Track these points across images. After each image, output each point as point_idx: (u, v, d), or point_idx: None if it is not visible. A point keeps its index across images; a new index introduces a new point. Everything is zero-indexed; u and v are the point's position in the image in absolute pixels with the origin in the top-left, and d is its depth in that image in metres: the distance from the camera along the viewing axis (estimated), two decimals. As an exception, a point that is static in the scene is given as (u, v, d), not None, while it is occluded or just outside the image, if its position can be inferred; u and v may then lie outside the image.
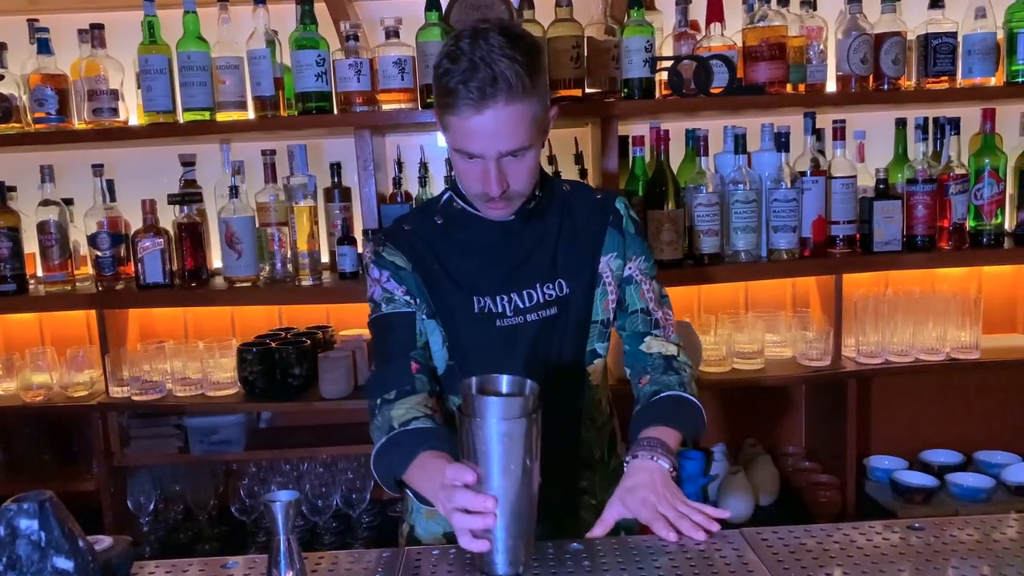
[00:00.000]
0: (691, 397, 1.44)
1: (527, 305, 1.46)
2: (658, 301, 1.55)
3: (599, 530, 1.31)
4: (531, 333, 1.46)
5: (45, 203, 2.48)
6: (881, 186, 2.48)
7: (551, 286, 1.47)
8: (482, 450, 1.10)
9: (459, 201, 1.50)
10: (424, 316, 1.48)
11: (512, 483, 1.11)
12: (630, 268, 1.53)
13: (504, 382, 1.17)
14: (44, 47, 2.41)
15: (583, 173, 2.64)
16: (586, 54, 2.33)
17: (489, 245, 1.48)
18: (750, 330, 2.57)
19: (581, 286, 1.49)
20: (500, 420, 1.08)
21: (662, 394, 1.44)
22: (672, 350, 1.52)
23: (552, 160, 2.65)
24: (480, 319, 1.46)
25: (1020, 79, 2.43)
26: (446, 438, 1.28)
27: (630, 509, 1.30)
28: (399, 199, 2.58)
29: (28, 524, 1.02)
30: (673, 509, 1.28)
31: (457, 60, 1.28)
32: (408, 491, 1.32)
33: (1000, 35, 2.44)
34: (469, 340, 1.47)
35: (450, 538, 1.51)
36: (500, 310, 1.46)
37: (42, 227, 2.48)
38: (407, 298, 1.47)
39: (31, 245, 2.55)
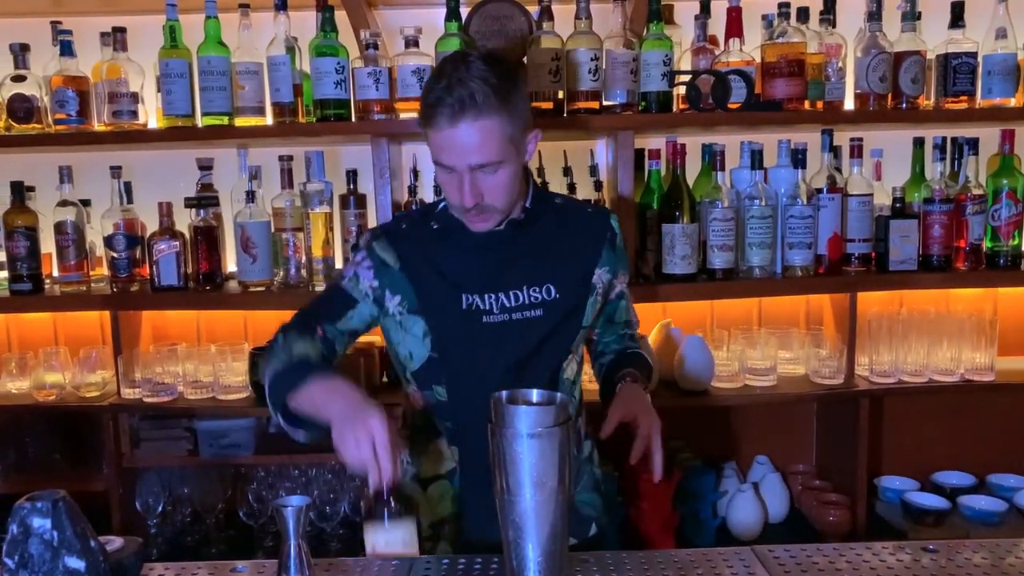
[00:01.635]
0: (648, 357, 1.72)
1: (512, 304, 1.55)
2: (634, 311, 1.81)
3: (608, 428, 1.49)
4: (515, 330, 1.55)
5: (63, 203, 2.49)
6: (898, 205, 2.47)
7: (537, 289, 1.56)
8: (513, 462, 1.09)
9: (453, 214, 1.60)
10: (404, 311, 1.57)
11: (545, 496, 1.10)
12: (620, 284, 1.71)
13: (533, 394, 1.17)
14: (67, 49, 2.43)
15: (598, 186, 2.64)
16: (604, 67, 2.33)
17: (479, 248, 1.57)
18: (763, 347, 2.56)
19: (572, 293, 1.59)
20: (531, 430, 1.08)
21: (629, 351, 1.72)
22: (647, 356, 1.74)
23: (567, 172, 2.65)
24: (467, 315, 1.55)
25: (1040, 100, 2.42)
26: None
27: (631, 411, 1.51)
28: (414, 207, 2.59)
29: (41, 523, 1.02)
30: (656, 443, 1.49)
31: (440, 79, 1.42)
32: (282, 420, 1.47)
33: (1021, 56, 2.44)
34: (455, 334, 1.56)
35: (435, 529, 1.61)
36: (487, 307, 1.54)
37: (59, 227, 2.49)
38: (369, 292, 1.58)
39: (48, 245, 2.56)
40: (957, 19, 2.42)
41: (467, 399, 1.56)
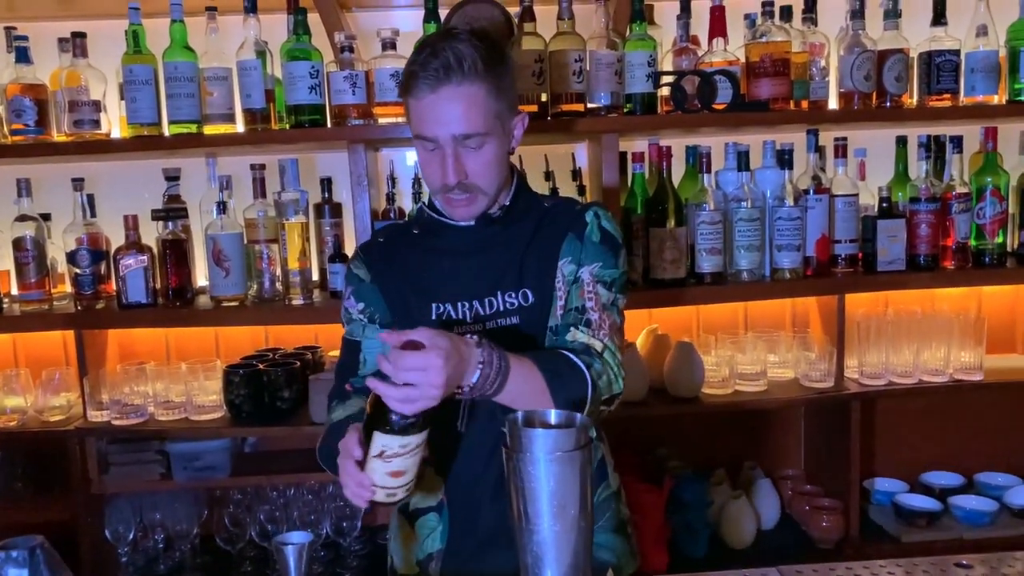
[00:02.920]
0: (582, 365, 1.32)
1: (487, 312, 1.44)
2: (601, 306, 1.44)
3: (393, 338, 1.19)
4: (492, 340, 1.38)
5: (21, 218, 2.37)
6: (884, 204, 2.44)
7: (513, 294, 1.45)
8: (531, 488, 1.01)
9: (428, 210, 1.51)
10: (378, 326, 1.48)
11: (566, 525, 1.03)
12: (581, 272, 1.45)
13: (552, 415, 1.10)
14: (22, 56, 2.31)
15: (581, 190, 2.58)
16: (588, 68, 2.27)
17: (455, 252, 1.47)
18: (751, 351, 2.52)
19: (544, 296, 1.45)
20: (550, 454, 1.00)
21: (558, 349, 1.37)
22: (597, 345, 1.39)
23: (549, 176, 2.59)
24: (438, 326, 1.40)
25: (1022, 97, 2.41)
26: None
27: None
28: (392, 215, 2.51)
29: (17, 573, 0.92)
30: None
31: (423, 50, 1.35)
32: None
33: (1002, 53, 2.43)
34: None
35: (423, 566, 1.50)
36: (459, 316, 1.44)
37: (18, 243, 2.37)
38: (361, 316, 1.50)
39: (6, 262, 2.44)
40: (939, 17, 2.40)
41: (444, 420, 1.43)
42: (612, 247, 1.48)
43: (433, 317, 1.44)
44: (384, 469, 1.18)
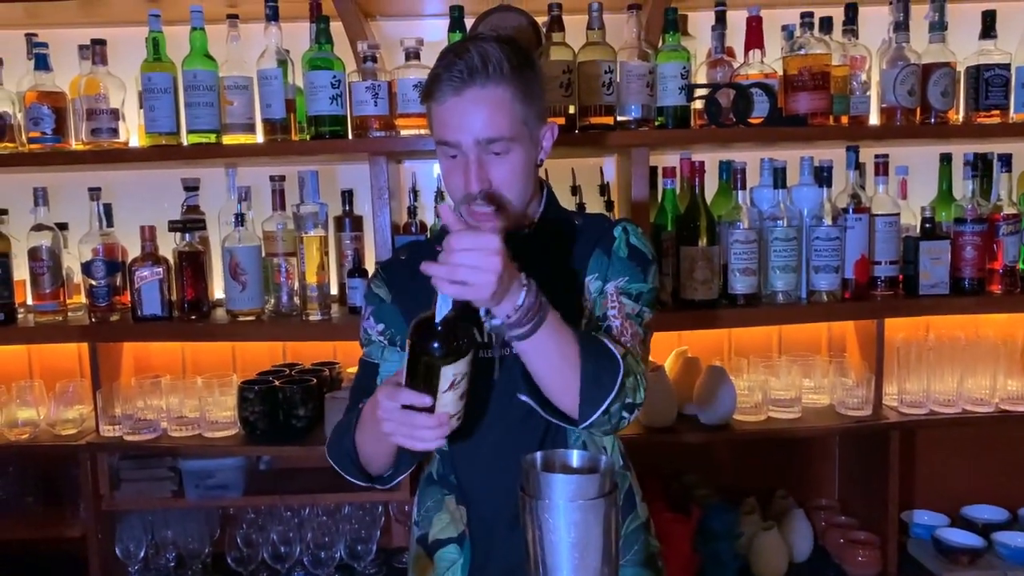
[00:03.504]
0: (616, 351, 1.22)
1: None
2: (624, 315, 1.36)
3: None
4: (515, 368, 1.28)
5: (38, 228, 2.33)
6: (928, 225, 2.33)
7: None
8: (549, 539, 0.92)
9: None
10: (398, 348, 1.42)
11: None
12: (607, 286, 1.38)
13: (574, 456, 1.01)
14: (42, 63, 2.27)
15: (609, 205, 2.49)
16: (618, 80, 2.19)
17: None
18: (785, 375, 2.41)
19: (572, 317, 1.31)
20: (571, 502, 0.92)
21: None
22: (620, 350, 1.26)
23: (576, 191, 2.51)
24: None
25: (1076, 114, 2.29)
26: None
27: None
28: (413, 229, 2.44)
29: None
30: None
31: (446, 55, 1.29)
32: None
33: (1055, 68, 2.31)
34: None
35: None
36: (483, 339, 1.35)
37: (34, 253, 2.33)
38: (380, 338, 1.44)
39: (21, 272, 2.39)
40: (988, 29, 2.29)
41: (469, 449, 1.38)
42: (640, 262, 1.39)
43: None
44: (455, 395, 1.13)
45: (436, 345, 1.10)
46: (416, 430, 1.14)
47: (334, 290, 2.43)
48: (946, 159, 2.46)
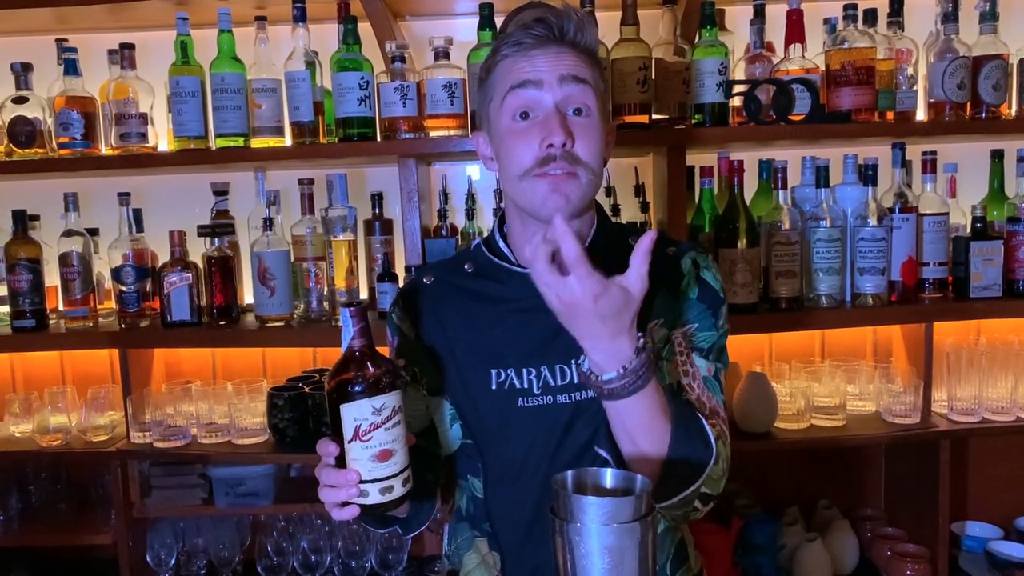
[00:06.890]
0: (710, 432, 1.11)
1: (558, 383, 1.20)
2: (702, 382, 1.21)
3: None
4: (561, 418, 1.19)
5: (68, 233, 2.33)
6: (979, 225, 2.23)
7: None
8: (583, 565, 0.86)
9: (487, 252, 1.29)
10: (424, 392, 1.28)
11: None
12: (674, 334, 1.22)
13: (608, 476, 0.94)
14: (71, 68, 2.27)
15: (644, 207, 2.43)
16: (653, 77, 2.12)
17: (521, 305, 1.21)
18: (829, 381, 2.32)
19: None
20: (604, 525, 0.86)
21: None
22: (714, 432, 1.14)
23: (610, 192, 2.44)
24: (499, 397, 1.21)
25: None
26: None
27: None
28: (444, 232, 2.40)
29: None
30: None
31: (517, 18, 1.19)
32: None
33: (1115, 58, 2.20)
34: (487, 420, 1.24)
35: None
36: (525, 386, 1.21)
37: (64, 259, 2.32)
38: (403, 375, 1.29)
39: (52, 278, 2.39)
40: (1043, 19, 2.19)
41: (505, 502, 1.25)
42: (712, 303, 1.24)
43: (493, 387, 1.22)
44: (366, 453, 1.03)
45: (331, 387, 1.03)
46: (321, 489, 1.07)
47: (364, 295, 2.39)
48: (997, 156, 2.36)
